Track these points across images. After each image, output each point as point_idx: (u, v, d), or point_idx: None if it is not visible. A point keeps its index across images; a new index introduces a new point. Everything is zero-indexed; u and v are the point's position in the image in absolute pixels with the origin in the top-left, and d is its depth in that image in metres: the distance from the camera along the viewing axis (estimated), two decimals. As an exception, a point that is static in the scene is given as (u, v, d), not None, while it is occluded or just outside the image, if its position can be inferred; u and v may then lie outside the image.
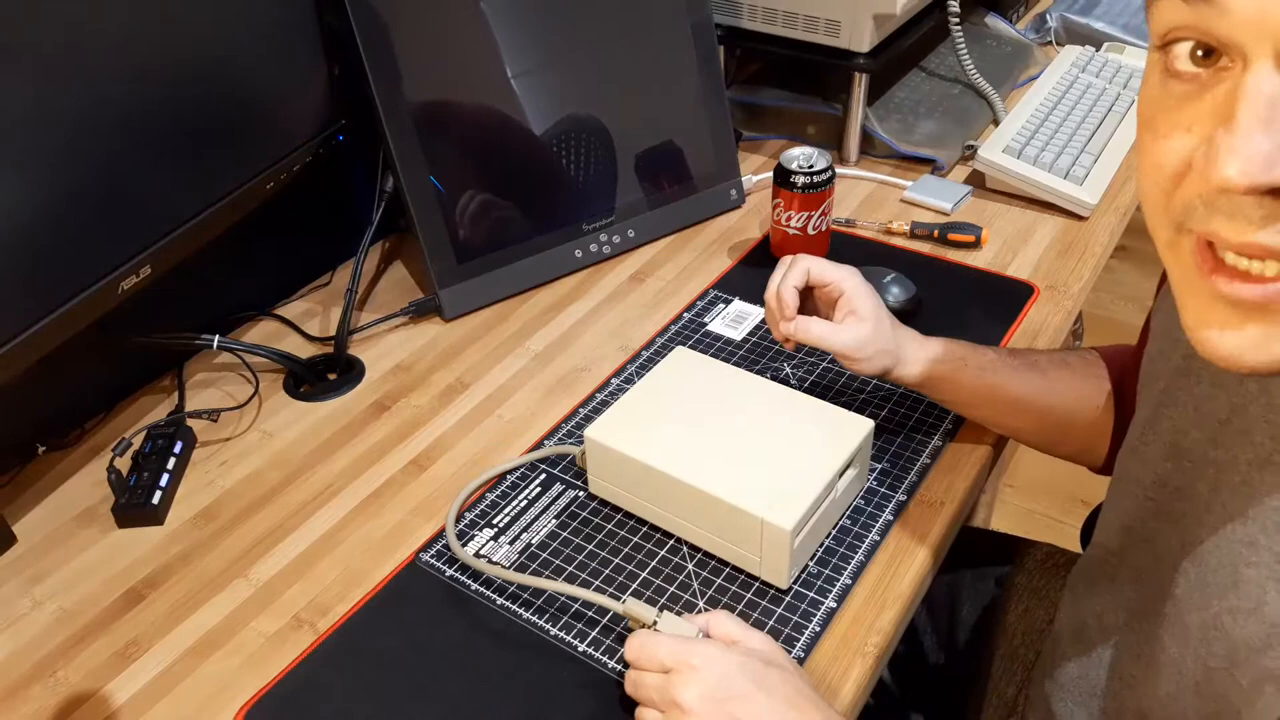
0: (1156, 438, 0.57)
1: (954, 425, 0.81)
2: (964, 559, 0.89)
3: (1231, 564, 0.49)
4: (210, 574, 0.73)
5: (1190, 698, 0.52)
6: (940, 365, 0.75)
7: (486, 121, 0.98)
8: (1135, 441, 0.60)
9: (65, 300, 0.70)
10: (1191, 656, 0.51)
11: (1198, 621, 0.51)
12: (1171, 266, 0.42)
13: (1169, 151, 0.40)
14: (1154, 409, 0.58)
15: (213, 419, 0.87)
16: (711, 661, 0.57)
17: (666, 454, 0.70)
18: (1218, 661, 0.49)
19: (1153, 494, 0.57)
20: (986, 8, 1.45)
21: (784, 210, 0.98)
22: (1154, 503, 0.57)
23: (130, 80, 0.72)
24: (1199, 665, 0.51)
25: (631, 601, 0.64)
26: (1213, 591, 0.50)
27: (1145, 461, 0.58)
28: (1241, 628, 0.48)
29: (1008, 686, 0.82)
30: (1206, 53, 0.38)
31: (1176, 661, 0.52)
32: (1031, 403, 0.75)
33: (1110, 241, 1.06)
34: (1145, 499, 0.58)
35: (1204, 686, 0.50)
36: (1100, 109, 1.20)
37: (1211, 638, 0.50)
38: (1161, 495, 0.56)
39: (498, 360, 0.92)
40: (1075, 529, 0.86)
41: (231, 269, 0.95)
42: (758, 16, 1.15)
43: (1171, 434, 0.56)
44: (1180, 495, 0.55)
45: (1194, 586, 0.51)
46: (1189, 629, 0.51)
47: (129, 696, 0.65)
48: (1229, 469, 0.51)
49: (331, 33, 0.90)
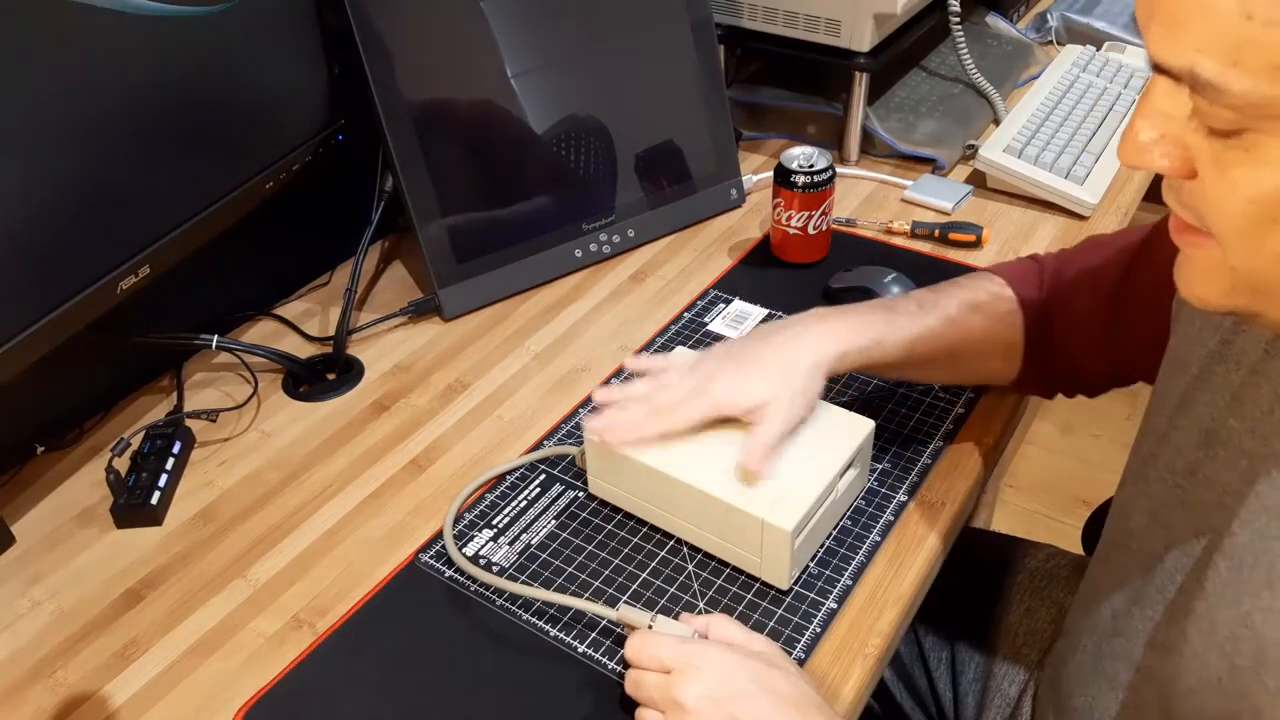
0: (1189, 423, 0.56)
1: (955, 426, 0.81)
2: (965, 560, 0.88)
3: (1268, 561, 0.48)
4: (209, 574, 0.73)
5: (1212, 694, 0.51)
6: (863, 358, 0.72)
7: (486, 121, 0.98)
8: (1164, 426, 0.59)
9: (64, 300, 0.70)
10: (1217, 653, 0.51)
11: (1226, 618, 0.50)
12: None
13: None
14: (1185, 393, 0.57)
15: (211, 419, 0.86)
16: (714, 661, 0.57)
17: (666, 454, 0.70)
18: (1244, 660, 0.49)
19: (1183, 481, 0.56)
20: (987, 7, 1.45)
21: (784, 210, 0.98)
22: (1182, 490, 0.56)
23: (129, 80, 0.72)
24: (1224, 662, 0.50)
25: (625, 608, 0.64)
26: (1245, 589, 0.49)
27: (1178, 448, 0.57)
28: (1274, 628, 0.47)
29: (1010, 687, 0.81)
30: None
31: (1200, 656, 0.52)
32: (948, 354, 0.75)
33: (1111, 241, 1.05)
34: (1174, 485, 0.57)
35: (1227, 684, 0.50)
36: (1101, 109, 1.20)
37: (1240, 635, 0.49)
38: (1191, 483, 0.56)
39: (497, 360, 0.92)
40: (1076, 529, 0.86)
41: (230, 269, 0.95)
42: (758, 16, 1.15)
43: (1208, 420, 0.55)
44: (1210, 485, 0.54)
45: (1225, 582, 0.51)
46: (1216, 624, 0.51)
47: (128, 697, 0.65)
48: (1266, 460, 0.50)
49: (331, 33, 0.89)
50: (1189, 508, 0.56)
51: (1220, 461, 0.54)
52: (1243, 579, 0.50)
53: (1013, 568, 0.89)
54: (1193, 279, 0.47)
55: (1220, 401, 0.54)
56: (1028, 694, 0.80)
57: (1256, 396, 0.52)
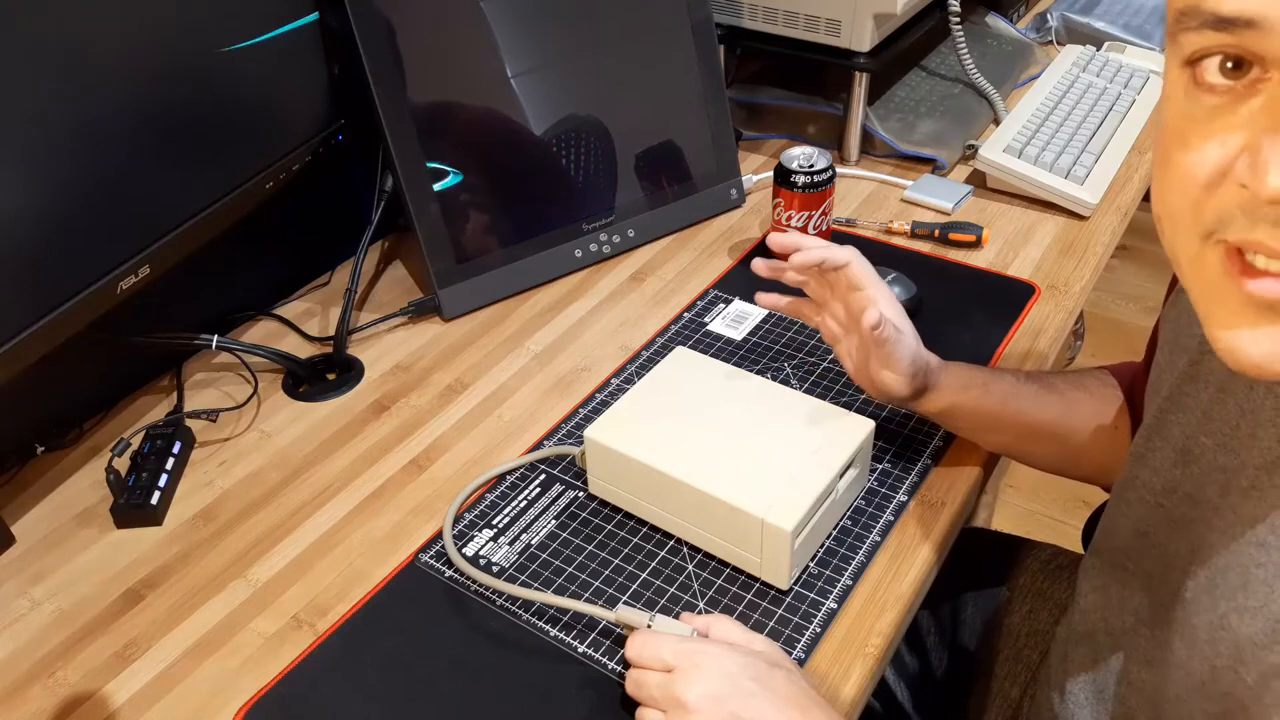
0: (1165, 443, 0.57)
1: (955, 425, 0.81)
2: (966, 560, 0.88)
3: (1242, 565, 0.49)
4: (209, 574, 0.73)
5: (1197, 698, 0.51)
6: (965, 394, 0.72)
7: (486, 121, 0.98)
8: (1141, 448, 0.59)
9: (64, 300, 0.70)
10: (1198, 658, 0.51)
11: (1205, 623, 0.50)
12: (1195, 276, 0.42)
13: (1202, 163, 0.40)
14: (1159, 414, 0.58)
15: (211, 419, 0.86)
16: (716, 660, 0.56)
17: (666, 454, 0.70)
18: (1224, 660, 0.49)
19: (1163, 500, 0.57)
20: (987, 7, 1.45)
21: (784, 210, 0.98)
22: (1164, 509, 0.57)
23: (130, 80, 0.72)
24: (1205, 665, 0.50)
25: (623, 609, 0.64)
26: (1221, 593, 0.50)
27: (1154, 468, 0.58)
28: (1248, 625, 0.48)
29: (1012, 688, 0.81)
30: (1237, 64, 0.38)
31: (1184, 663, 0.52)
32: (1052, 428, 0.73)
33: (1111, 241, 1.05)
34: (1156, 505, 0.58)
35: (1210, 686, 0.50)
36: (1101, 108, 1.20)
37: (1218, 637, 0.49)
38: (1171, 501, 0.56)
39: (497, 360, 0.92)
40: (1077, 529, 0.86)
41: (231, 269, 0.95)
42: (758, 16, 1.15)
43: (1181, 440, 0.56)
44: (1190, 501, 0.55)
45: (1203, 589, 0.51)
46: (1196, 630, 0.51)
47: (128, 697, 0.65)
48: (1238, 473, 0.51)
49: (331, 33, 0.89)
50: (1172, 525, 0.56)
51: (1196, 478, 0.54)
52: (1218, 584, 0.50)
53: (1014, 568, 0.89)
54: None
55: (1192, 420, 0.55)
56: (1029, 695, 0.80)
57: (1224, 413, 0.52)
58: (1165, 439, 0.57)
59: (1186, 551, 0.54)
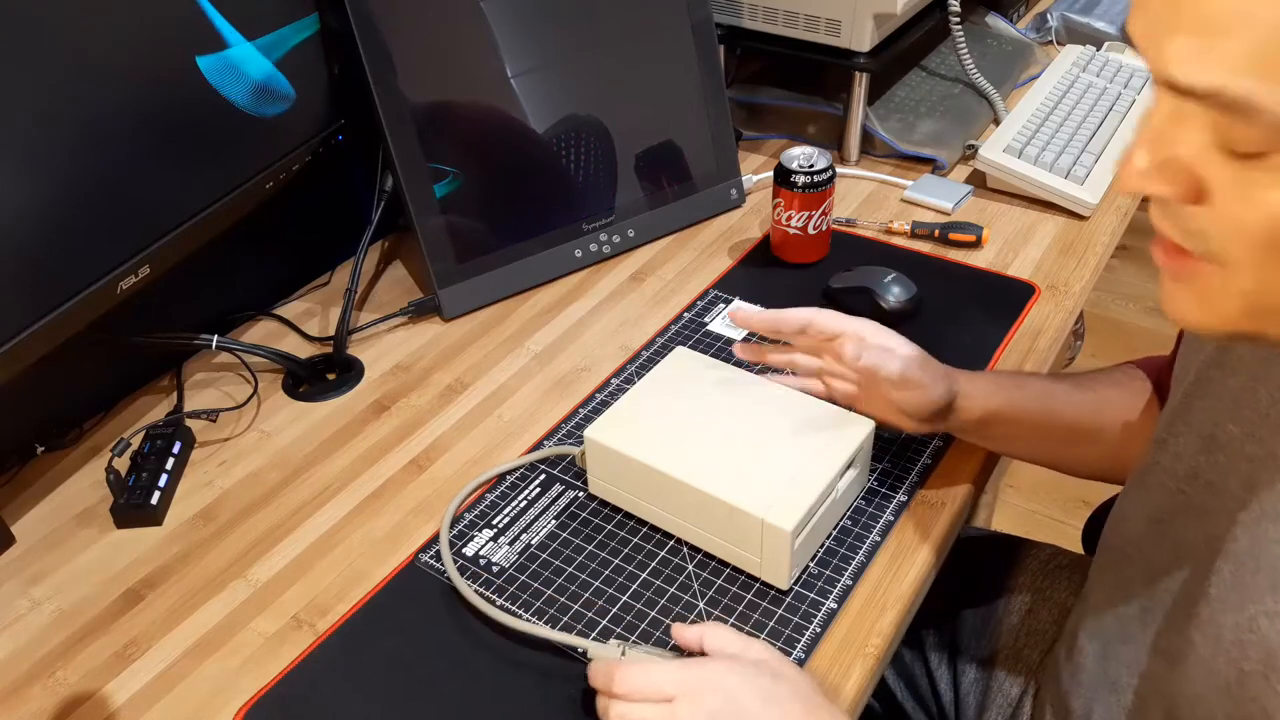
0: (1188, 429, 0.57)
1: (955, 425, 0.81)
2: (966, 560, 0.88)
3: (1271, 566, 0.48)
4: (209, 574, 0.73)
5: (1220, 699, 0.51)
6: (998, 396, 0.71)
7: (486, 121, 0.98)
8: (1163, 433, 0.59)
9: (64, 300, 0.70)
10: (1224, 659, 0.50)
11: (1232, 623, 0.50)
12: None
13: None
14: (1184, 399, 0.57)
15: (211, 419, 0.86)
16: (717, 682, 0.55)
17: (666, 454, 0.70)
18: (1252, 665, 0.49)
19: (1185, 486, 0.56)
20: (987, 7, 1.45)
21: (784, 210, 0.98)
22: (1185, 495, 0.56)
23: (130, 80, 0.72)
24: (1232, 668, 0.50)
25: (594, 645, 0.62)
26: (1250, 594, 0.49)
27: (1177, 453, 0.57)
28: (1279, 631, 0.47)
29: (1012, 688, 0.81)
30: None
31: (1207, 662, 0.52)
32: (1088, 426, 0.72)
33: (1111, 241, 1.05)
34: (1177, 491, 0.57)
35: (1236, 690, 0.50)
36: (1101, 108, 1.20)
37: (1246, 641, 0.49)
38: (1193, 488, 0.56)
39: (497, 360, 0.92)
40: (1077, 529, 0.86)
41: (231, 269, 0.95)
42: (758, 16, 1.15)
43: (1207, 426, 0.55)
44: (1211, 489, 0.54)
45: (1229, 587, 0.50)
46: (1222, 630, 0.51)
47: (128, 697, 0.65)
48: (1265, 465, 0.50)
49: (331, 33, 0.89)
50: (1190, 513, 0.56)
51: (1221, 466, 0.54)
52: (1246, 583, 0.49)
53: (1014, 568, 0.89)
54: (1187, 307, 0.45)
55: (1220, 407, 0.54)
56: (1029, 694, 0.80)
57: (1254, 400, 0.52)
58: (1189, 424, 0.56)
59: (1202, 541, 0.53)
